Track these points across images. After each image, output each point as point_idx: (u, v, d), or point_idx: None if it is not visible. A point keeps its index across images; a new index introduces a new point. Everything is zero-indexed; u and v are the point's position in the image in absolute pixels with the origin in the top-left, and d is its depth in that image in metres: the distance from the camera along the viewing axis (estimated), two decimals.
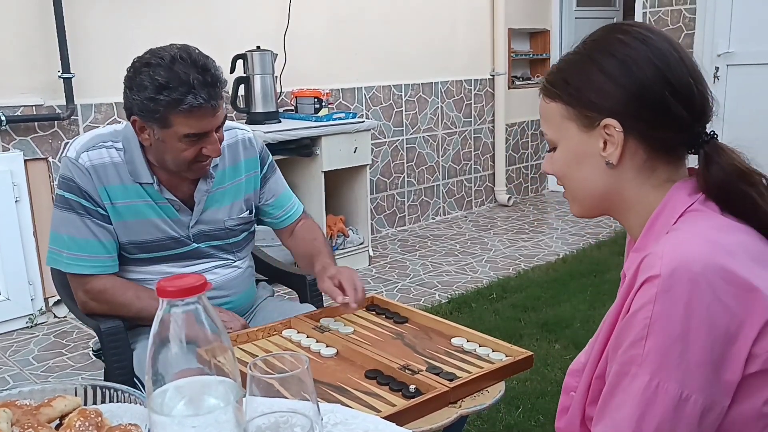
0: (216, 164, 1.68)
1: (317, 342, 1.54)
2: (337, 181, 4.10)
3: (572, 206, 1.06)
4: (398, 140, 4.86)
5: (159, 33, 3.45)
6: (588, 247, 4.35)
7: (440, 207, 5.26)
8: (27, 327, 3.27)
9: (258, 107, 3.76)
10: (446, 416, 1.25)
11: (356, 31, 4.46)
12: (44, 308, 3.34)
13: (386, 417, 1.11)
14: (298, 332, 1.60)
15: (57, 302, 3.35)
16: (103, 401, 0.93)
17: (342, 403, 1.19)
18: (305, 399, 0.74)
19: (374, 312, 1.72)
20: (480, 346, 1.49)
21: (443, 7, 4.96)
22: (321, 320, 1.65)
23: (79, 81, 3.33)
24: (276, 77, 3.86)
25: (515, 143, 5.77)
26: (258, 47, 3.75)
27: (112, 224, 1.62)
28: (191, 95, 1.46)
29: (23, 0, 3.17)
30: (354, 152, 3.95)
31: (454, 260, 4.20)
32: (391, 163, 4.84)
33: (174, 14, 3.63)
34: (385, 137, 4.77)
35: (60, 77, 3.26)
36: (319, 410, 0.76)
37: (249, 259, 1.87)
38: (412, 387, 1.30)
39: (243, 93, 3.77)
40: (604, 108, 0.94)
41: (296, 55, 4.09)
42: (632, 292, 0.87)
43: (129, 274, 1.69)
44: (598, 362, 0.94)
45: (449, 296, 3.55)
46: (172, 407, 0.70)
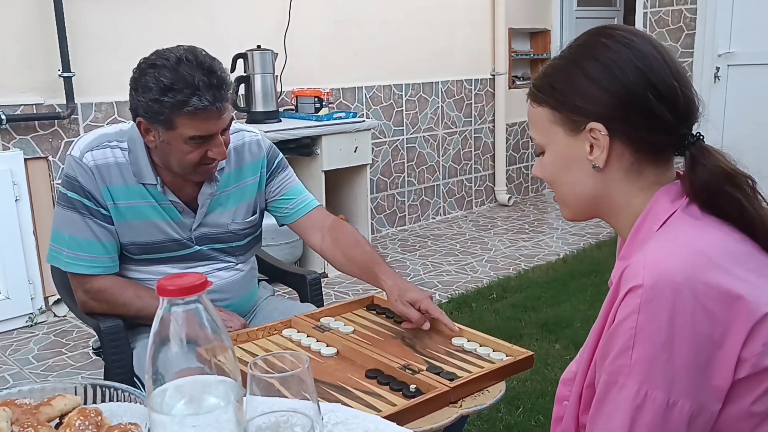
0: (221, 167, 1.66)
1: (317, 341, 1.53)
2: (338, 181, 4.10)
3: (563, 210, 1.06)
4: (398, 140, 4.86)
5: (159, 32, 3.47)
6: (588, 247, 4.35)
7: (440, 207, 5.25)
8: (27, 326, 3.27)
9: (258, 107, 3.76)
10: (446, 416, 1.25)
11: (357, 31, 4.46)
12: (44, 307, 3.34)
13: (387, 417, 1.11)
14: (299, 332, 1.60)
15: (57, 301, 3.35)
16: (103, 400, 0.93)
17: (342, 403, 1.19)
18: (305, 398, 0.74)
19: (374, 312, 1.72)
20: (480, 346, 1.49)
21: (444, 7, 4.96)
22: (321, 320, 1.64)
23: (80, 80, 3.33)
24: (276, 76, 3.85)
25: (515, 143, 5.77)
26: (258, 46, 3.75)
27: (114, 225, 1.62)
28: (196, 97, 1.45)
29: None
30: (354, 152, 3.95)
31: (455, 260, 4.20)
32: (392, 163, 4.84)
33: (174, 13, 3.63)
34: (386, 137, 4.77)
35: (60, 76, 3.25)
36: (320, 410, 0.76)
37: (252, 263, 1.85)
38: (413, 387, 1.30)
39: (243, 92, 3.77)
40: (589, 112, 0.95)
41: (297, 55, 4.09)
42: (616, 302, 0.87)
43: (130, 274, 1.69)
44: (587, 371, 0.95)
45: (449, 296, 3.55)
46: (172, 406, 0.70)
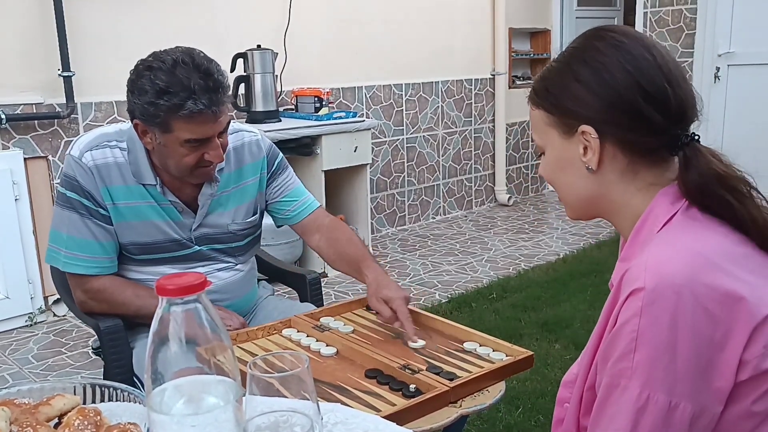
0: (221, 168, 1.66)
1: (317, 341, 1.53)
2: (338, 181, 4.10)
3: (566, 209, 1.08)
4: (398, 139, 4.86)
5: (159, 31, 3.47)
6: (588, 247, 4.35)
7: (440, 206, 5.25)
8: (26, 325, 3.27)
9: (258, 106, 3.76)
10: (446, 416, 1.25)
11: (357, 31, 4.46)
12: (44, 307, 3.34)
13: (386, 416, 1.11)
14: (298, 331, 1.59)
15: (56, 301, 3.35)
16: (102, 400, 0.93)
17: (342, 403, 1.19)
18: (305, 398, 0.74)
19: (374, 311, 1.72)
20: (480, 346, 1.48)
21: (444, 7, 4.96)
22: (321, 319, 1.64)
23: (79, 79, 3.32)
24: (276, 76, 3.85)
25: (515, 143, 5.77)
26: (258, 46, 3.75)
27: (113, 225, 1.61)
28: (191, 100, 1.43)
29: None
30: (354, 151, 3.95)
31: (454, 260, 4.20)
32: (392, 163, 4.84)
33: (174, 13, 3.63)
34: (386, 136, 4.77)
35: (60, 75, 3.25)
36: (319, 409, 0.76)
37: (251, 263, 1.85)
38: (412, 386, 1.30)
39: (243, 92, 3.77)
40: (580, 115, 0.96)
41: (297, 54, 4.09)
42: (618, 305, 0.88)
43: (130, 275, 1.68)
44: (588, 374, 0.95)
45: (449, 296, 3.55)
46: (172, 406, 0.70)
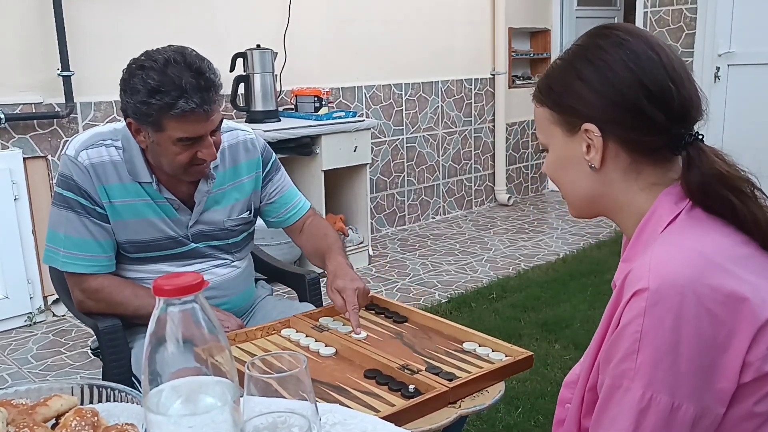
0: (216, 165, 1.67)
1: (316, 341, 1.53)
2: (337, 180, 4.10)
3: (568, 207, 1.07)
4: (398, 139, 4.86)
5: (159, 31, 3.46)
6: (588, 247, 4.34)
7: (440, 206, 5.25)
8: (26, 325, 3.27)
9: (258, 106, 3.76)
10: (446, 416, 1.25)
11: (356, 30, 4.46)
12: (43, 307, 3.33)
13: (385, 417, 1.11)
14: (297, 331, 1.59)
15: (56, 301, 3.35)
16: (100, 400, 0.93)
17: (341, 403, 1.18)
18: (303, 399, 0.73)
19: (373, 311, 1.71)
20: (480, 346, 1.48)
21: (444, 7, 4.96)
22: (320, 319, 1.64)
23: (79, 79, 3.32)
24: (276, 76, 3.85)
25: (515, 143, 5.77)
26: (258, 46, 3.75)
27: (110, 223, 1.61)
28: (183, 99, 1.44)
29: None
30: (354, 151, 3.94)
31: (454, 260, 4.20)
32: (391, 163, 4.84)
33: (174, 12, 3.63)
34: (385, 136, 4.77)
35: (59, 75, 3.25)
36: (318, 410, 0.75)
37: (248, 260, 1.86)
38: (412, 387, 1.30)
39: (243, 91, 3.76)
40: (583, 113, 0.95)
41: (296, 54, 4.09)
42: (621, 306, 0.87)
43: (127, 273, 1.68)
44: (590, 374, 0.94)
45: (449, 296, 3.55)
46: (169, 406, 0.70)
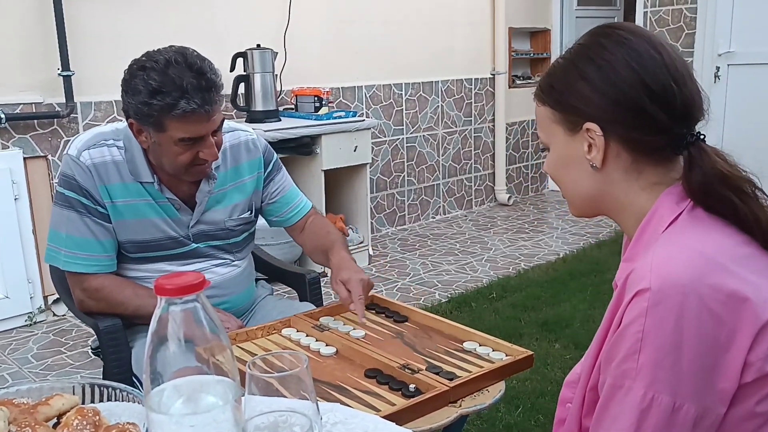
0: (218, 165, 1.67)
1: (317, 341, 1.53)
2: (337, 180, 4.10)
3: (569, 207, 1.07)
4: (398, 139, 4.86)
5: (159, 31, 3.46)
6: (588, 247, 4.35)
7: (440, 206, 5.25)
8: (26, 325, 3.27)
9: (258, 106, 3.76)
10: (446, 416, 1.25)
11: (357, 30, 4.46)
12: (43, 306, 3.34)
13: (386, 416, 1.11)
14: (298, 331, 1.59)
15: (56, 300, 3.35)
16: (101, 400, 0.93)
17: (341, 403, 1.19)
18: (304, 398, 0.73)
19: (374, 311, 1.72)
20: (480, 346, 1.48)
21: (444, 6, 4.96)
22: (320, 319, 1.64)
23: (79, 79, 3.32)
24: (276, 75, 3.85)
25: (515, 142, 5.77)
26: (258, 45, 3.75)
27: (112, 223, 1.61)
28: (184, 100, 1.45)
29: None
30: (354, 151, 3.94)
31: (454, 259, 4.20)
32: (391, 162, 4.84)
33: (174, 12, 3.63)
34: (386, 136, 4.77)
35: (59, 75, 3.25)
36: (319, 409, 0.76)
37: (249, 259, 1.86)
38: (412, 386, 1.30)
39: (243, 91, 3.76)
40: (585, 112, 0.95)
41: (296, 54, 4.09)
42: (622, 306, 0.87)
43: (128, 273, 1.68)
44: (591, 374, 0.94)
45: (449, 295, 3.55)
46: (170, 406, 0.70)
